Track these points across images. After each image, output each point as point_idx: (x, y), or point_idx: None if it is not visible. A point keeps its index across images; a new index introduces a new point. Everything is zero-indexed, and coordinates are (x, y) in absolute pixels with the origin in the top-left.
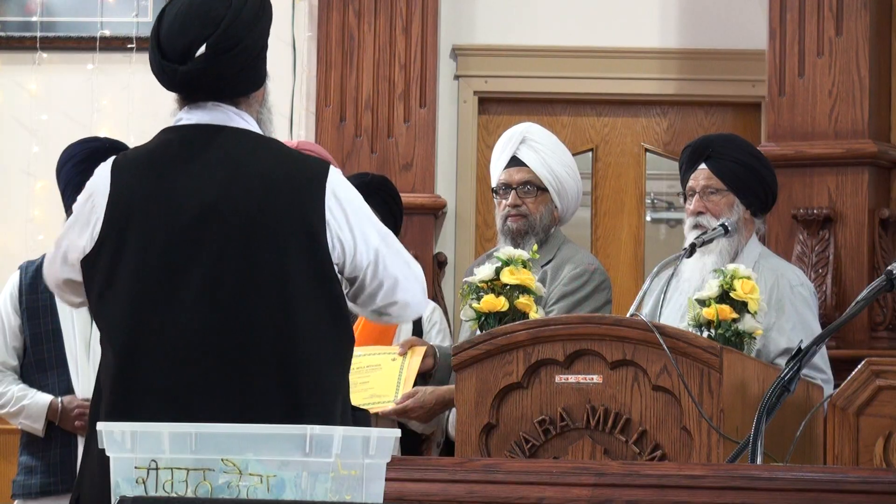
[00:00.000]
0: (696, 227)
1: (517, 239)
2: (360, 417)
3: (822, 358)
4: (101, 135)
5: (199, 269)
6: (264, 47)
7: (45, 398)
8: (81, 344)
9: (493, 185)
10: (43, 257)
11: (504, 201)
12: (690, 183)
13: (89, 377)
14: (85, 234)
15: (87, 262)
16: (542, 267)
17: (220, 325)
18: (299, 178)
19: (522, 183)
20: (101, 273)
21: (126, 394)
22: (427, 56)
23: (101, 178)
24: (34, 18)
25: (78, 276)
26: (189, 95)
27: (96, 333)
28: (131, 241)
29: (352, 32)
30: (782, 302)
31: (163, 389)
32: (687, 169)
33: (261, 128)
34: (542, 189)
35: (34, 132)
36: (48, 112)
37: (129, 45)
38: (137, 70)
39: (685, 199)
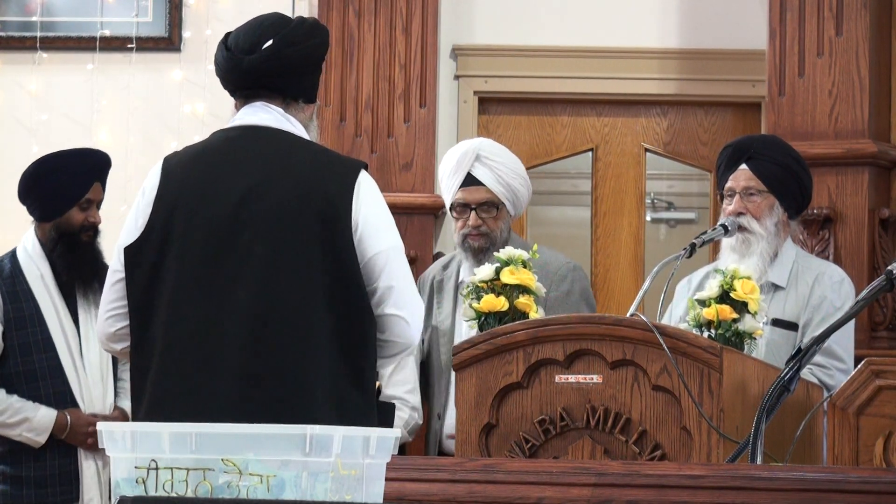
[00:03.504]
0: (739, 228)
1: (478, 255)
2: (386, 409)
3: (842, 347)
4: (102, 135)
5: (233, 265)
6: (320, 64)
7: (50, 411)
8: (76, 354)
9: (449, 202)
10: (10, 252)
11: (462, 220)
12: (730, 183)
13: (88, 388)
14: (131, 229)
15: (130, 251)
16: None
17: (250, 319)
18: (332, 171)
19: (482, 203)
20: (145, 266)
21: (164, 394)
22: (427, 56)
23: (153, 174)
24: (34, 18)
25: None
26: (247, 92)
27: (86, 343)
28: (173, 238)
29: (352, 32)
30: (825, 298)
31: (201, 388)
32: (726, 169)
33: (307, 135)
34: (499, 205)
35: (34, 132)
36: (48, 112)
37: (129, 45)
38: (137, 70)
39: (723, 199)
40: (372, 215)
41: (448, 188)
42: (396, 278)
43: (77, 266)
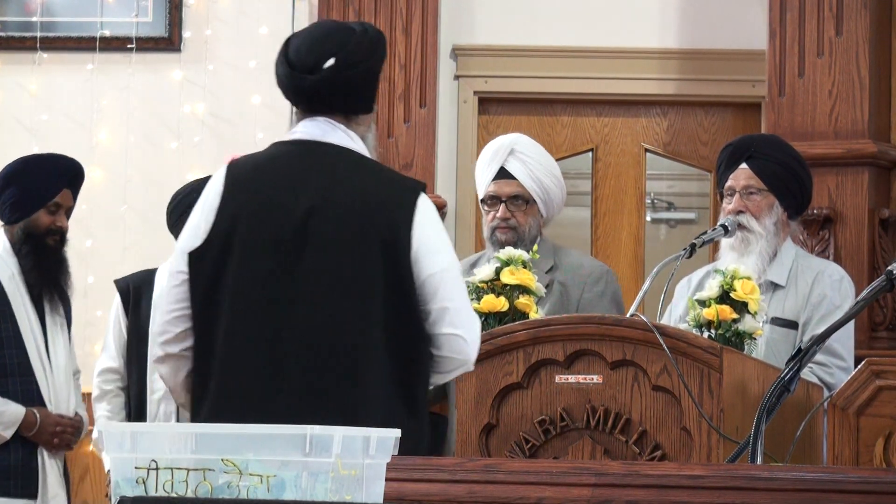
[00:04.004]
0: (738, 226)
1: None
2: (438, 422)
3: (843, 346)
4: (102, 135)
5: (294, 279)
6: (378, 77)
7: (19, 408)
8: (43, 354)
9: (481, 195)
10: None
11: (493, 213)
12: (730, 182)
13: (55, 388)
14: (194, 234)
15: (195, 256)
16: (545, 273)
17: (308, 334)
18: (393, 193)
19: (512, 196)
20: (206, 272)
21: (228, 400)
22: (427, 56)
23: (216, 182)
24: (34, 18)
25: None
26: (309, 107)
27: (52, 346)
28: (237, 247)
29: None
30: (825, 297)
31: (259, 399)
32: (726, 168)
33: (366, 148)
34: (530, 201)
35: (34, 132)
36: (48, 112)
37: (128, 46)
38: (137, 70)
39: (723, 198)
40: (428, 237)
41: (481, 182)
42: (451, 299)
43: (43, 268)
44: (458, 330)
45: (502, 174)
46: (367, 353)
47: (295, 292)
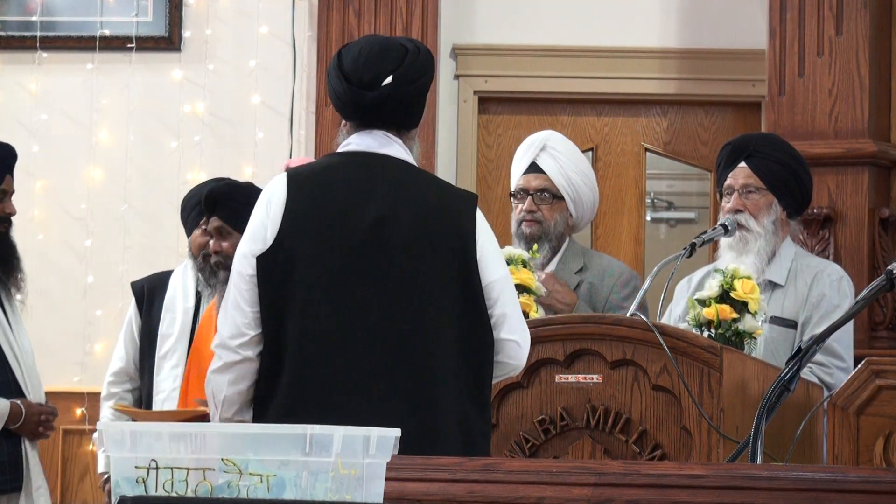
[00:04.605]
0: (738, 226)
1: (530, 244)
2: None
3: (842, 346)
4: (101, 134)
5: (366, 284)
6: (427, 93)
7: (3, 401)
8: (12, 340)
9: (512, 188)
10: None
11: (521, 205)
12: (729, 181)
13: (27, 377)
14: (259, 238)
15: (264, 259)
16: (574, 274)
17: (383, 337)
18: (455, 203)
19: (539, 189)
20: (276, 275)
21: (299, 400)
22: None
23: (278, 188)
24: (34, 18)
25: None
26: (364, 121)
27: (18, 335)
28: (305, 253)
29: (352, 32)
30: (824, 296)
31: (334, 400)
32: (725, 166)
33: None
34: (558, 197)
35: (34, 132)
36: (48, 112)
37: (128, 45)
38: (137, 70)
39: (722, 197)
40: (487, 245)
41: (514, 176)
42: (509, 305)
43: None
44: (515, 335)
45: (533, 168)
46: (442, 356)
47: (367, 296)
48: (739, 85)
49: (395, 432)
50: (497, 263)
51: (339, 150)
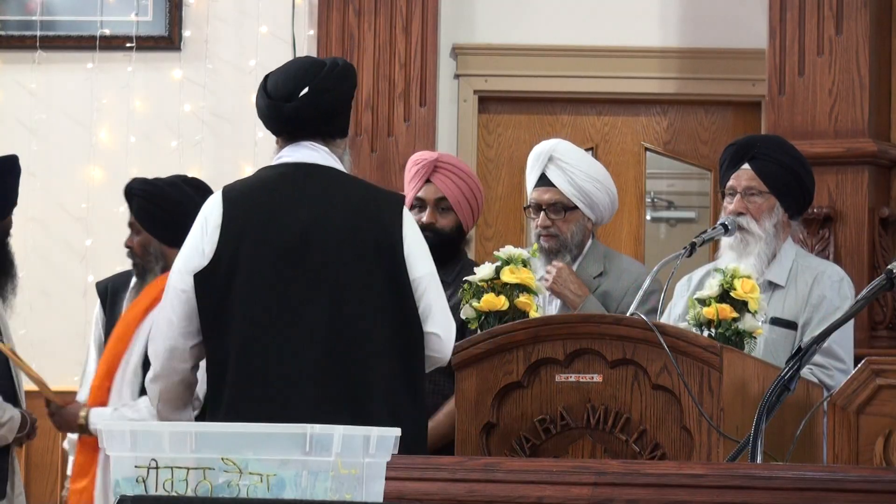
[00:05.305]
0: (738, 228)
1: (550, 256)
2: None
3: (842, 347)
4: (102, 134)
5: (301, 287)
6: (350, 104)
7: (15, 410)
8: None
9: (526, 201)
10: None
11: (535, 220)
12: (731, 182)
13: (20, 383)
14: (195, 255)
15: (202, 276)
16: (594, 279)
17: (318, 336)
18: (381, 204)
19: (551, 204)
20: (215, 289)
21: (245, 402)
22: (427, 55)
23: (214, 207)
24: (34, 18)
25: (190, 313)
26: (291, 135)
27: (5, 337)
28: (242, 265)
29: (352, 32)
30: (824, 298)
31: (276, 397)
32: (728, 167)
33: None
34: (570, 208)
35: (34, 131)
36: (48, 111)
37: (128, 45)
38: (137, 69)
39: (724, 197)
40: (415, 241)
41: (528, 187)
42: (434, 300)
43: (3, 266)
44: (437, 329)
45: (542, 181)
46: (374, 350)
47: (302, 298)
48: (739, 84)
49: (395, 432)
50: (424, 260)
51: (272, 163)
